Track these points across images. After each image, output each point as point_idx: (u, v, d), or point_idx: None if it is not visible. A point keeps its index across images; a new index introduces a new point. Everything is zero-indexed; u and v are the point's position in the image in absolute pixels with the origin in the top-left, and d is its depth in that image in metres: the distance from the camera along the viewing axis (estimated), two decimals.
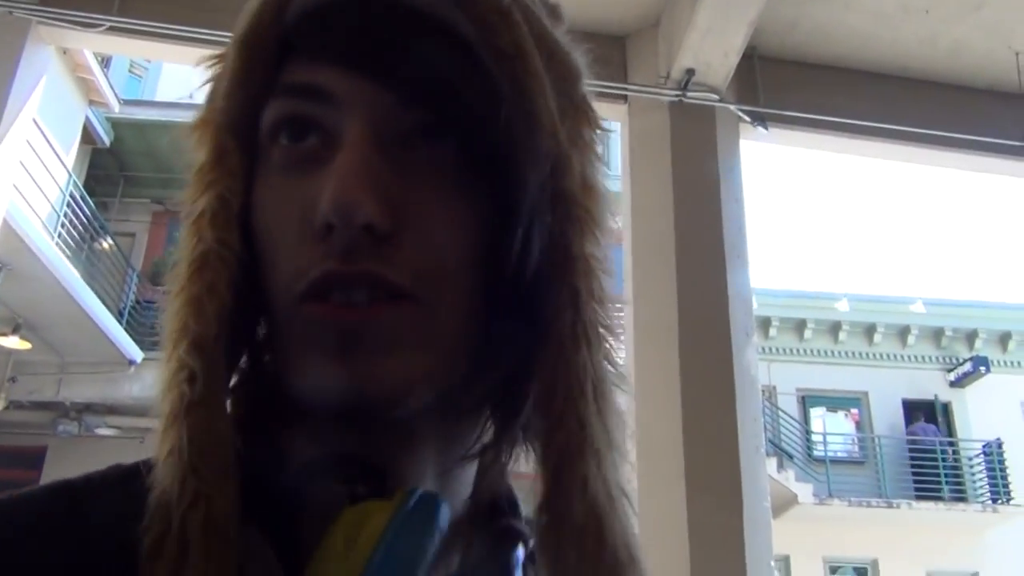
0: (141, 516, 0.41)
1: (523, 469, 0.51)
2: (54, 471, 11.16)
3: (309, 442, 0.47)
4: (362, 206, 0.41)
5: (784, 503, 12.41)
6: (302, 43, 0.47)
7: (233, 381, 0.49)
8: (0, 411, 9.56)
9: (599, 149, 0.53)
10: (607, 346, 0.49)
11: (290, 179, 0.45)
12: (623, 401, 0.50)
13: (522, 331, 0.47)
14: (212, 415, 0.43)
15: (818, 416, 15.09)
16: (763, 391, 13.93)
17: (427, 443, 0.48)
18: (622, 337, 0.52)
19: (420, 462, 0.48)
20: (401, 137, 0.45)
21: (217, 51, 0.51)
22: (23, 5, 2.97)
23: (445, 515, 0.43)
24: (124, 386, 9.74)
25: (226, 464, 0.43)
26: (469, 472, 0.51)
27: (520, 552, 0.52)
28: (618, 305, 0.50)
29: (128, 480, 0.45)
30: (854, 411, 15.24)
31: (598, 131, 0.53)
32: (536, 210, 0.47)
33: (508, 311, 0.47)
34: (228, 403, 0.47)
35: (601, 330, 0.48)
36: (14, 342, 8.56)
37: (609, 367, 0.48)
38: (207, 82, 0.51)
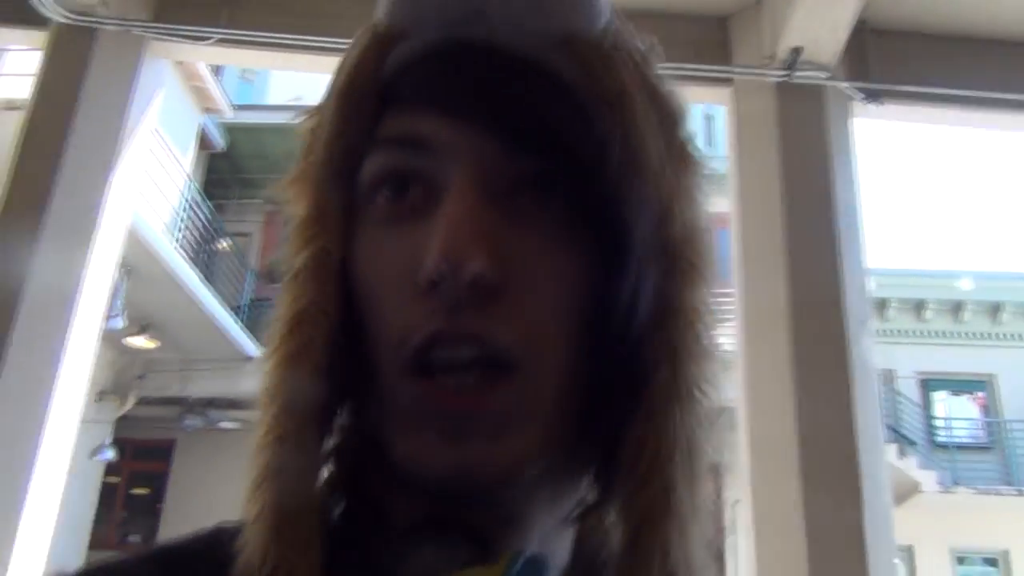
0: None
1: None
2: (183, 462, 11.77)
3: (410, 505, 0.45)
4: (472, 258, 0.40)
5: (906, 491, 11.93)
6: (402, 94, 0.46)
7: (333, 440, 0.48)
8: (131, 407, 10.11)
9: (702, 196, 0.50)
10: (703, 407, 0.46)
11: (392, 233, 0.44)
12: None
13: (622, 390, 0.45)
14: (300, 480, 0.43)
15: (940, 400, 14.46)
16: (881, 375, 13.47)
17: (530, 507, 0.46)
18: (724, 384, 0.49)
19: (523, 527, 0.46)
20: (507, 186, 0.43)
21: (312, 105, 0.51)
22: (137, 23, 3.10)
23: (547, 571, 0.42)
24: (243, 381, 10.14)
25: (312, 532, 0.42)
26: (567, 538, 0.49)
27: None
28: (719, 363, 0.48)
29: (217, 546, 0.45)
30: (980, 394, 14.53)
31: (701, 176, 0.50)
32: (643, 262, 0.45)
33: (610, 370, 0.44)
34: (324, 463, 0.46)
35: (700, 389, 0.46)
36: (142, 342, 9.05)
37: (705, 430, 0.46)
38: (303, 134, 0.50)
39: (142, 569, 0.46)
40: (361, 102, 0.46)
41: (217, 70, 11.40)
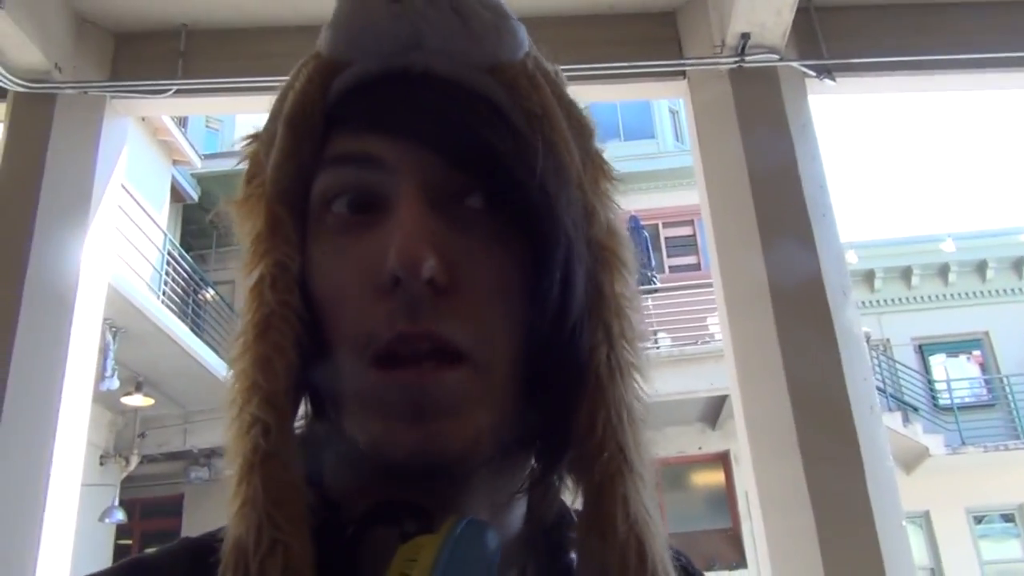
0: None
1: None
2: (193, 515, 11.69)
3: (361, 492, 0.49)
4: (426, 260, 0.44)
5: (915, 458, 11.96)
6: (348, 117, 0.50)
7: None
8: (135, 467, 10.05)
9: (615, 199, 0.57)
10: (636, 383, 0.52)
11: (349, 242, 0.48)
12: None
13: (563, 370, 0.50)
14: (285, 466, 0.46)
15: (939, 363, 14.52)
16: (877, 345, 13.51)
17: (478, 485, 0.50)
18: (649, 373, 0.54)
19: (472, 503, 0.50)
20: (450, 196, 0.48)
21: (252, 132, 0.56)
22: (95, 84, 3.12)
23: (495, 540, 0.45)
24: None
25: (301, 513, 0.45)
26: (520, 507, 0.54)
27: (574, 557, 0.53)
28: (645, 341, 0.54)
29: (197, 552, 0.49)
30: (976, 353, 14.60)
31: (613, 182, 0.57)
32: (575, 254, 0.50)
33: (551, 353, 0.49)
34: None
35: (634, 365, 0.51)
36: (139, 400, 9.01)
37: (641, 399, 0.51)
38: (244, 159, 0.56)
39: None
40: (309, 125, 0.51)
41: (182, 121, 11.42)
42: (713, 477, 12.02)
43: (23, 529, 2.62)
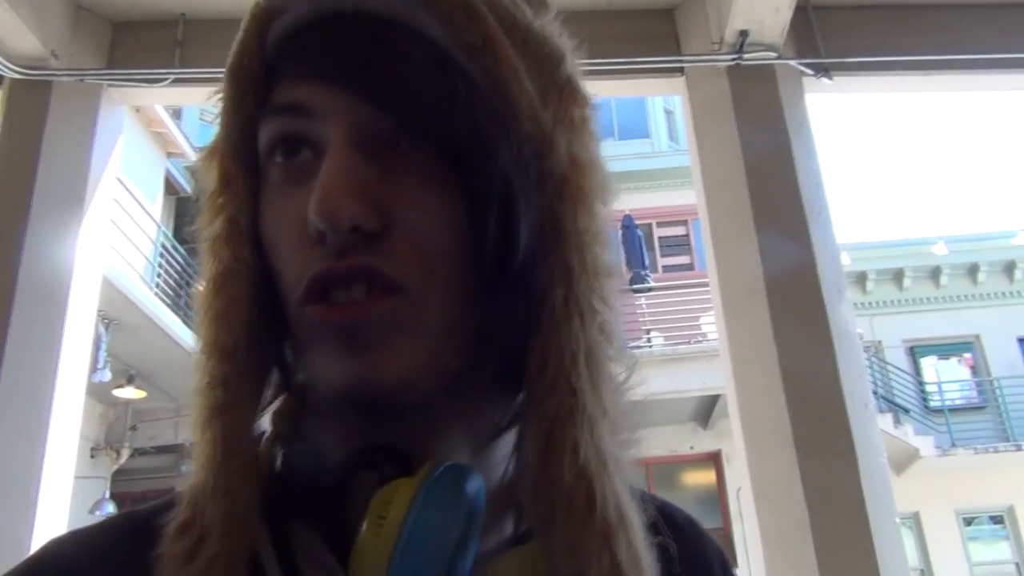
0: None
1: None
2: None
3: (340, 440, 0.50)
4: (344, 210, 0.44)
5: (906, 459, 12.01)
6: (282, 66, 0.50)
7: (273, 395, 0.54)
8: (126, 460, 10.02)
9: (591, 127, 0.54)
10: (603, 319, 0.49)
11: (287, 192, 0.49)
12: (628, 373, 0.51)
13: (521, 309, 0.49)
14: (238, 418, 0.48)
15: (930, 366, 14.58)
16: (869, 347, 13.56)
17: (453, 428, 0.51)
18: (620, 308, 0.52)
19: (449, 447, 0.50)
20: (382, 141, 0.47)
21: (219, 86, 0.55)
22: (91, 72, 3.11)
23: (476, 482, 0.45)
24: None
25: (250, 463, 0.47)
26: (504, 449, 0.53)
27: None
28: (617, 277, 0.51)
29: (137, 522, 0.51)
30: (967, 356, 14.66)
31: (589, 109, 0.54)
32: (517, 191, 0.48)
33: (505, 292, 0.48)
34: (263, 407, 0.52)
35: (596, 303, 0.49)
36: (130, 392, 8.98)
37: (605, 339, 0.49)
38: (215, 118, 0.55)
39: (109, 536, 0.51)
40: (250, 76, 0.51)
41: (177, 114, 11.39)
42: (704, 477, 12.04)
43: (16, 520, 2.61)
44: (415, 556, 0.41)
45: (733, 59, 3.13)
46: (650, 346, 10.58)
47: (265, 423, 0.53)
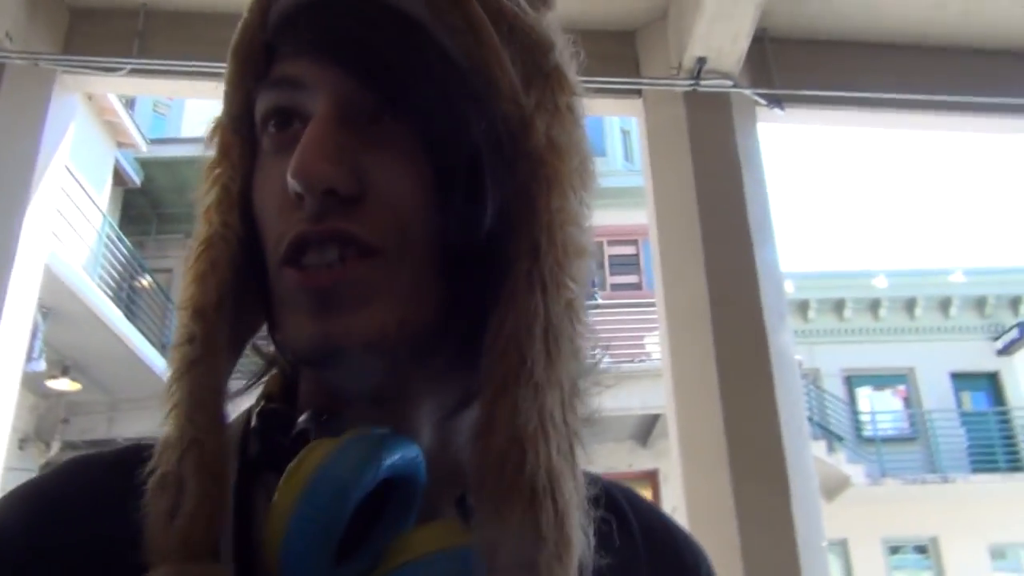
0: None
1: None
2: None
3: (309, 402, 0.54)
4: (320, 172, 0.47)
5: (837, 486, 12.26)
6: (280, 43, 0.54)
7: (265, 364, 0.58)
8: (56, 453, 9.75)
9: (576, 114, 0.57)
10: (571, 296, 0.51)
11: (276, 160, 0.52)
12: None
13: (491, 285, 0.51)
14: (209, 372, 0.50)
15: (865, 395, 14.92)
16: (807, 374, 13.81)
17: (417, 397, 0.53)
18: (594, 290, 0.53)
19: (414, 415, 0.53)
20: (366, 114, 0.50)
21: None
22: (46, 55, 3.06)
23: (406, 450, 0.48)
24: None
25: (218, 415, 0.50)
26: (468, 422, 0.53)
27: None
28: (589, 258, 0.53)
29: (137, 452, 0.53)
30: (901, 388, 15.05)
31: (575, 98, 0.57)
32: (491, 168, 0.51)
33: (473, 266, 0.51)
34: (233, 362, 0.54)
35: (564, 279, 0.51)
36: (64, 384, 8.75)
37: (572, 316, 0.51)
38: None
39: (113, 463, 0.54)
40: (251, 54, 0.55)
41: (130, 104, 11.17)
42: (641, 495, 12.13)
43: None
44: (316, 510, 0.44)
45: (690, 85, 3.20)
46: (595, 362, 10.62)
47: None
